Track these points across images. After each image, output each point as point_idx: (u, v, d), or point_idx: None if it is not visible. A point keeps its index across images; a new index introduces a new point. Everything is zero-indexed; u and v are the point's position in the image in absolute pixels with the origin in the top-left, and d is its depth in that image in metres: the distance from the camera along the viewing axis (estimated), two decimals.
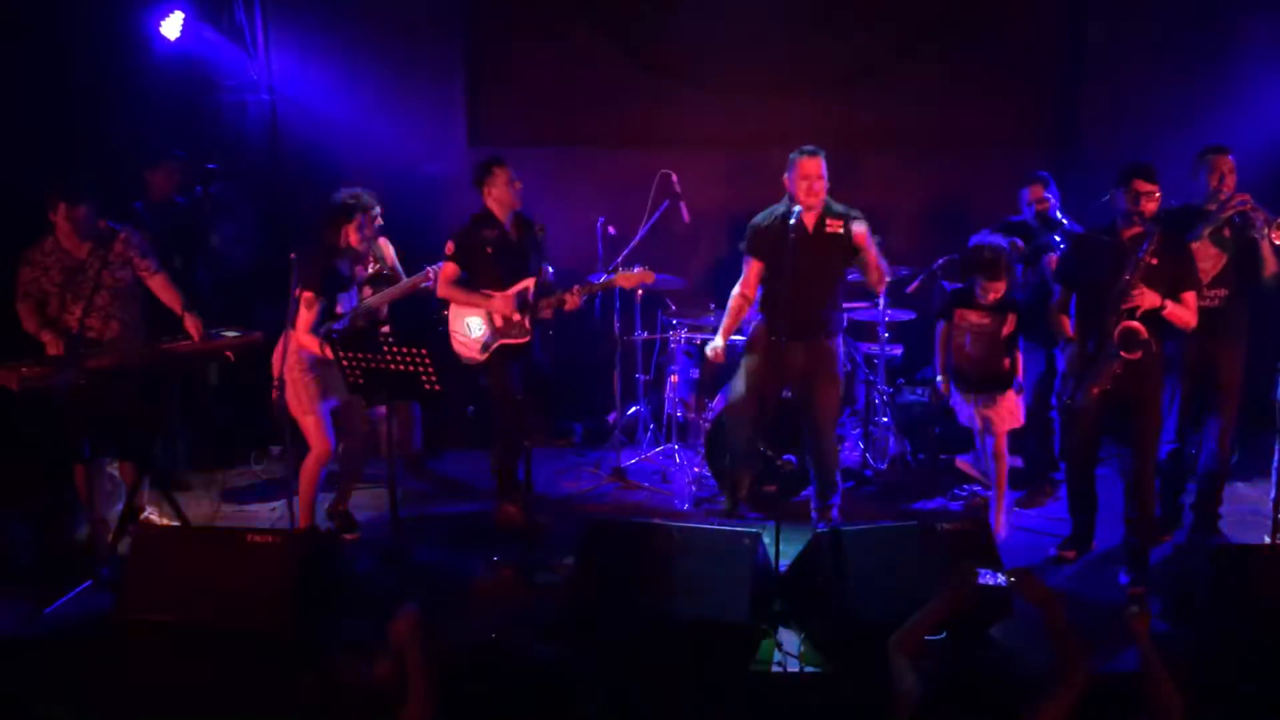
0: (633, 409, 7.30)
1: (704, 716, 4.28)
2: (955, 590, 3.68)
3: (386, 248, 6.53)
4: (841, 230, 5.60)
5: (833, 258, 5.67)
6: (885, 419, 6.84)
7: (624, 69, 7.71)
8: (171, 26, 6.89)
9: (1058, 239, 6.07)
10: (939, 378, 5.85)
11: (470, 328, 6.03)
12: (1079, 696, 3.22)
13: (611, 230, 7.07)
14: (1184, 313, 5.13)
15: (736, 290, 5.89)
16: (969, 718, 3.12)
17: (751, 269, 5.81)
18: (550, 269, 6.18)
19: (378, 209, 5.69)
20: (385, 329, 6.09)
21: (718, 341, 5.93)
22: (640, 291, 6.70)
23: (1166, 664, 3.36)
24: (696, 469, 6.70)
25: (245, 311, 6.47)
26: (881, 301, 6.71)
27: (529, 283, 5.95)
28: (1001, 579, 3.64)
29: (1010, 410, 5.73)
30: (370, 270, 6.15)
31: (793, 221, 5.48)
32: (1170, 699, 3.32)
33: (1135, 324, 4.95)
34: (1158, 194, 5.08)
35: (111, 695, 4.34)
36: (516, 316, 5.91)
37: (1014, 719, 3.06)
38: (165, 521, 5.79)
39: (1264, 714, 4.04)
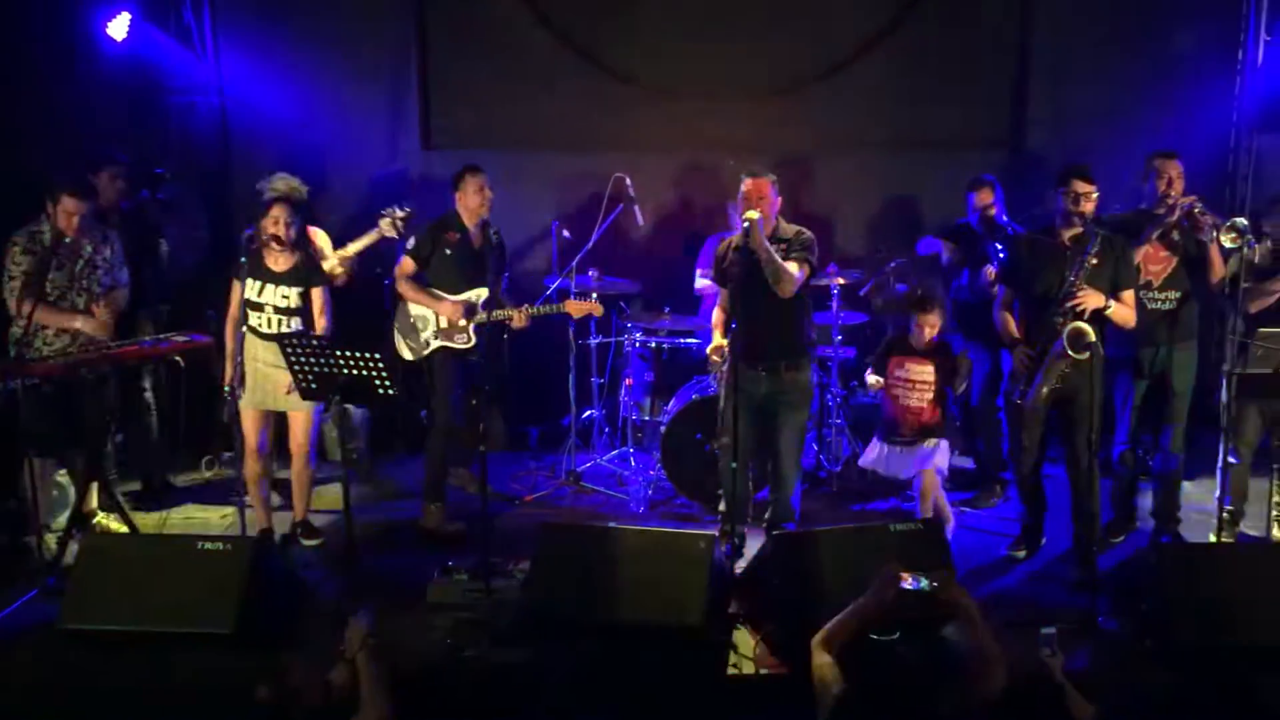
0: (588, 413, 7.28)
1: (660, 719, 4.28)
2: (880, 590, 3.73)
3: (317, 237, 6.42)
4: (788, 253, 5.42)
5: None
6: (839, 420, 6.88)
7: (577, 73, 7.67)
8: (118, 27, 6.75)
9: (998, 247, 6.14)
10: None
11: (416, 325, 6.08)
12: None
13: (566, 234, 7.06)
14: (1125, 312, 5.25)
15: (715, 309, 5.82)
16: (889, 715, 3.11)
17: (722, 293, 5.74)
18: (506, 277, 6.15)
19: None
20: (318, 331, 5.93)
21: (718, 341, 5.64)
22: (595, 295, 6.68)
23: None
24: (652, 472, 6.70)
25: (194, 316, 6.40)
26: (834, 304, 6.75)
27: (482, 291, 5.98)
28: (923, 583, 3.70)
29: (942, 456, 5.88)
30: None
31: (740, 246, 5.31)
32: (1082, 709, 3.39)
33: (1083, 325, 5.03)
34: (1095, 194, 5.19)
35: (57, 706, 4.26)
36: (462, 322, 5.96)
37: (934, 717, 3.06)
38: (114, 528, 5.70)
39: (1209, 709, 4.11)
